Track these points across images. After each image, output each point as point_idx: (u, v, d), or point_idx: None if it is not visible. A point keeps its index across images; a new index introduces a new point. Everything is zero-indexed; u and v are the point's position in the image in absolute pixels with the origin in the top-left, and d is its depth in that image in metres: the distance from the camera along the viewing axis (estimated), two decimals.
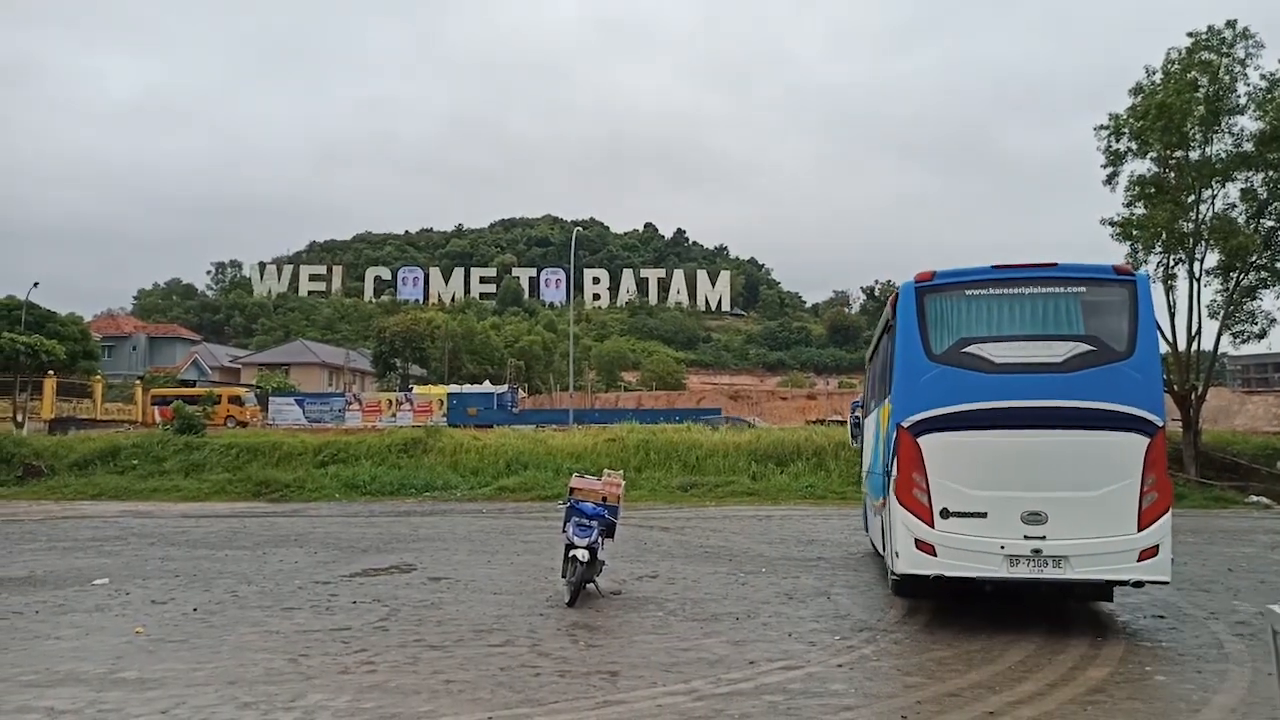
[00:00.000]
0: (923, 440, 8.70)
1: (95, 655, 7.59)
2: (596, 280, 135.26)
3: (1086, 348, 8.63)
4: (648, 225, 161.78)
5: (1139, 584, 8.52)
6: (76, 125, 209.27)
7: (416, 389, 54.45)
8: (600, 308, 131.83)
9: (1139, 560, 8.21)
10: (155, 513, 23.86)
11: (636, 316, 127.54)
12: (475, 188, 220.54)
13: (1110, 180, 27.96)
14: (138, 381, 56.14)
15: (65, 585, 11.51)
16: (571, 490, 10.77)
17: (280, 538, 17.34)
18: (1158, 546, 8.23)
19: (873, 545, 13.23)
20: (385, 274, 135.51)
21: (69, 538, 17.48)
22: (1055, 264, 9.09)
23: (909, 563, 8.71)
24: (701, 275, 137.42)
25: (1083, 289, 8.97)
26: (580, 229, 73.05)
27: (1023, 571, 8.36)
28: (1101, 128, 27.63)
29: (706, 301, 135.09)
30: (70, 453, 32.90)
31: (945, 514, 8.54)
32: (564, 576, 10.20)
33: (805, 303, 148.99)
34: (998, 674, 7.05)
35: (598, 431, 32.31)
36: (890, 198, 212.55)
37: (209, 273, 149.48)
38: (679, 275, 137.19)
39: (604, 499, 10.58)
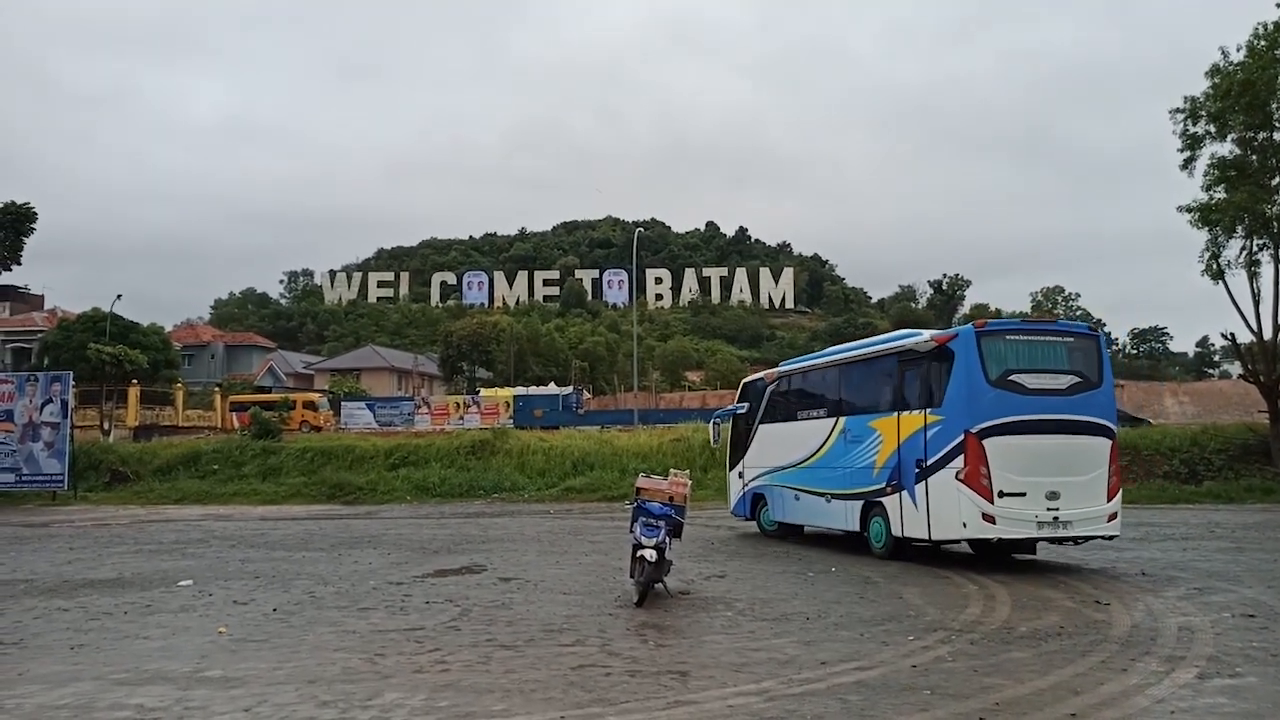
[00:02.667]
0: (986, 442, 11.76)
1: (181, 654, 7.84)
2: (659, 280, 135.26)
3: (1079, 379, 12.41)
4: (709, 224, 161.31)
5: (1110, 537, 12.52)
6: (163, 146, 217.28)
7: (483, 392, 55.09)
8: (663, 307, 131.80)
9: (1107, 522, 12.18)
10: (235, 515, 24.58)
11: (699, 315, 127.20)
12: (537, 192, 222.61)
13: (1187, 165, 27.04)
14: (216, 389, 57.83)
15: (152, 586, 11.92)
16: (638, 490, 10.78)
17: (354, 539, 17.71)
18: (1116, 513, 12.27)
19: (761, 526, 17.46)
20: (451, 279, 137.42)
21: (154, 541, 18.11)
22: (1056, 320, 13.99)
23: (976, 529, 11.87)
24: (764, 273, 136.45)
25: (1071, 339, 12.87)
26: (642, 229, 73.21)
27: (1045, 533, 11.99)
28: (1177, 110, 26.73)
29: (770, 299, 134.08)
30: (154, 458, 34.10)
31: (1001, 495, 11.71)
32: (632, 576, 10.22)
33: (870, 298, 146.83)
34: (1079, 675, 6.85)
35: (662, 431, 32.32)
36: (954, 191, 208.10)
37: (282, 281, 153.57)
38: (741, 273, 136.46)
39: (670, 499, 10.58)
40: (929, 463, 12.33)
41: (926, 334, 13.46)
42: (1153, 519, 20.14)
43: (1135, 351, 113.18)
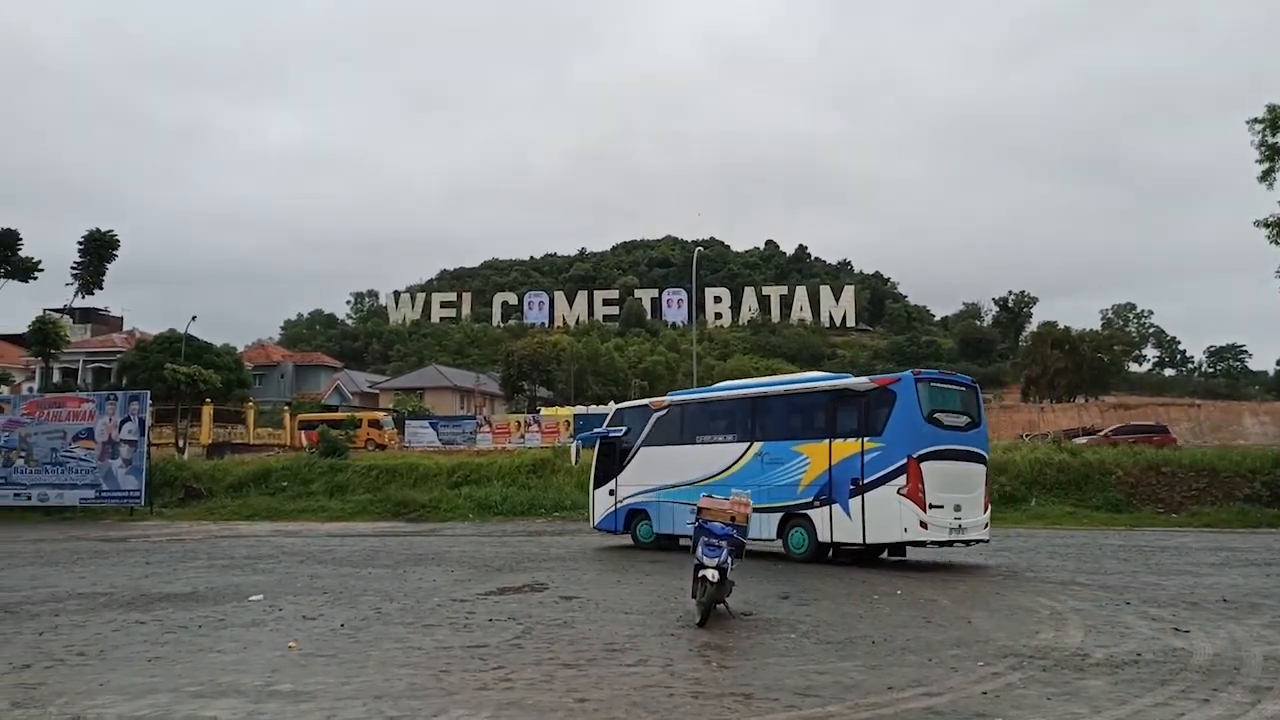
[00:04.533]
0: (923, 465, 14.71)
1: (253, 668, 8.01)
2: (718, 299, 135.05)
3: (970, 419, 15.95)
4: (768, 243, 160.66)
5: (984, 541, 15.88)
6: (239, 177, 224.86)
7: (544, 410, 55.48)
8: (722, 326, 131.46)
9: (984, 529, 15.61)
10: (303, 532, 25.08)
11: (759, 334, 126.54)
12: (597, 213, 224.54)
13: (1266, 176, 26.17)
14: (286, 407, 59.19)
15: (224, 601, 12.22)
16: (700, 510, 10.74)
17: (418, 556, 17.94)
18: (988, 523, 15.83)
19: (637, 539, 19.19)
20: (512, 299, 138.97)
21: (226, 556, 18.57)
22: (957, 375, 16.93)
23: (914, 534, 14.80)
24: (825, 291, 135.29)
25: (964, 389, 16.35)
26: (701, 249, 72.98)
27: (954, 536, 15.01)
28: (1256, 121, 25.95)
29: (830, 317, 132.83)
30: (226, 475, 35.01)
31: (929, 507, 14.62)
32: (694, 596, 10.17)
33: (934, 316, 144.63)
34: (1158, 705, 6.61)
35: None
36: (1019, 208, 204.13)
37: (348, 302, 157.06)
38: (801, 291, 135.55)
39: (732, 518, 10.52)
40: (866, 481, 15.16)
41: (865, 379, 16.71)
42: (1233, 543, 19.41)
43: (1212, 370, 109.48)
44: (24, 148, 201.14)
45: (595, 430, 21.89)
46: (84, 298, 48.25)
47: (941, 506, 14.67)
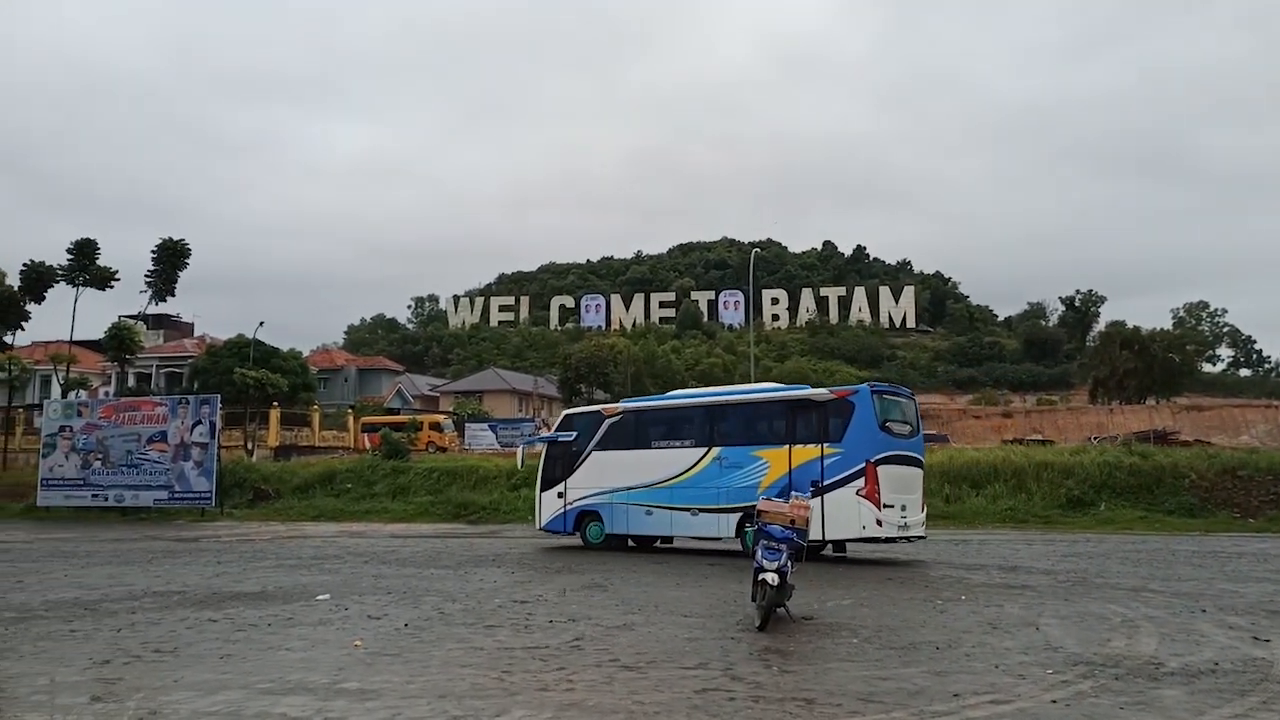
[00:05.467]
0: (880, 468, 16.31)
1: (320, 666, 8.18)
2: (775, 300, 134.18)
3: (911, 427, 17.71)
4: (826, 243, 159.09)
5: (923, 538, 17.99)
6: (305, 187, 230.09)
7: None
8: (779, 328, 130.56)
9: (922, 527, 17.53)
10: (367, 533, 25.55)
11: (817, 336, 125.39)
12: (653, 216, 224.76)
13: None
14: (349, 411, 60.35)
15: (292, 600, 12.50)
16: (759, 513, 10.69)
17: (479, 558, 18.15)
18: (924, 521, 17.75)
19: (586, 539, 20.08)
20: (569, 302, 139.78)
21: (294, 556, 18.99)
22: (900, 388, 19.01)
23: (871, 530, 16.36)
24: (884, 291, 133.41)
25: (906, 400, 18.18)
26: (757, 250, 72.62)
27: (900, 533, 16.79)
28: None
29: (890, 318, 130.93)
30: (293, 477, 35.83)
31: (884, 506, 16.22)
32: (754, 600, 10.11)
33: (997, 316, 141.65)
34: (1237, 716, 6.39)
35: None
36: (1084, 206, 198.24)
37: (409, 307, 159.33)
38: (860, 292, 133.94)
39: (792, 521, 10.44)
40: (826, 483, 16.32)
41: (824, 389, 17.99)
42: None
43: None
44: (103, 162, 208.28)
45: (542, 434, 23.56)
46: (157, 304, 49.81)
47: (892, 506, 16.40)
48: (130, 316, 50.17)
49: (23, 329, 46.15)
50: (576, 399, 77.85)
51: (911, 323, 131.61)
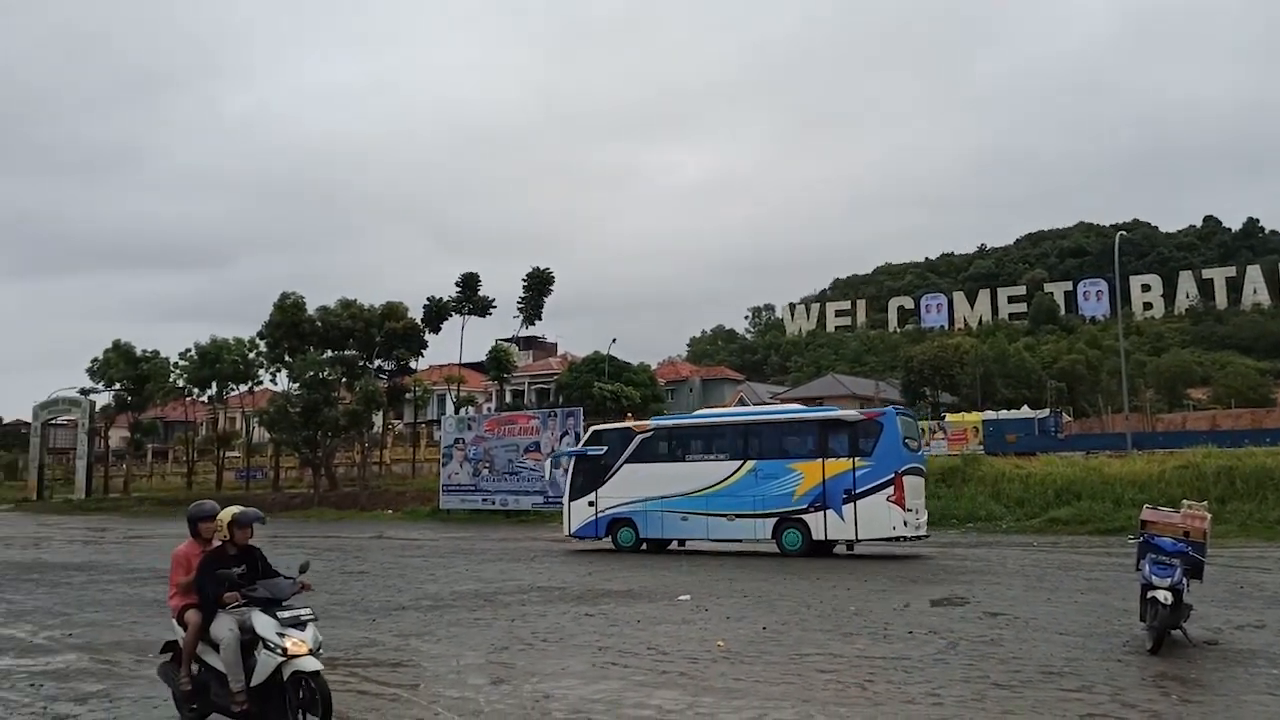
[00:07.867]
0: (904, 478, 18.74)
1: (687, 663, 8.61)
2: (1146, 287, 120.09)
3: (918, 443, 21.01)
4: (1207, 219, 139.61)
5: (926, 536, 20.18)
6: (654, 211, 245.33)
7: (949, 417, 53.19)
8: (1153, 317, 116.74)
9: (924, 527, 19.94)
10: None
11: (1201, 324, 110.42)
12: (995, 208, 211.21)
13: None
14: None
15: (657, 599, 13.27)
16: (1144, 524, 9.65)
17: (829, 566, 18.09)
18: (925, 523, 20.13)
19: (618, 543, 21.66)
20: (907, 303, 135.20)
21: (653, 558, 20.21)
22: (908, 410, 27.07)
23: (900, 531, 18.72)
24: None
25: (910, 418, 21.86)
26: (1122, 233, 65.54)
27: (915, 533, 19.20)
28: None
29: None
30: None
31: (906, 509, 18.65)
32: (1143, 620, 9.12)
33: None
34: None
35: (1163, 457, 28.44)
36: None
37: (746, 317, 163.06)
38: (1255, 271, 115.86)
39: (1186, 534, 9.31)
40: (857, 491, 18.82)
41: (854, 411, 21.51)
42: None
43: None
44: (483, 207, 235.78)
45: (569, 449, 26.67)
46: (527, 327, 55.33)
47: (911, 510, 18.87)
48: (506, 339, 56.12)
49: (423, 355, 53.21)
50: (920, 402, 75.09)
51: None
